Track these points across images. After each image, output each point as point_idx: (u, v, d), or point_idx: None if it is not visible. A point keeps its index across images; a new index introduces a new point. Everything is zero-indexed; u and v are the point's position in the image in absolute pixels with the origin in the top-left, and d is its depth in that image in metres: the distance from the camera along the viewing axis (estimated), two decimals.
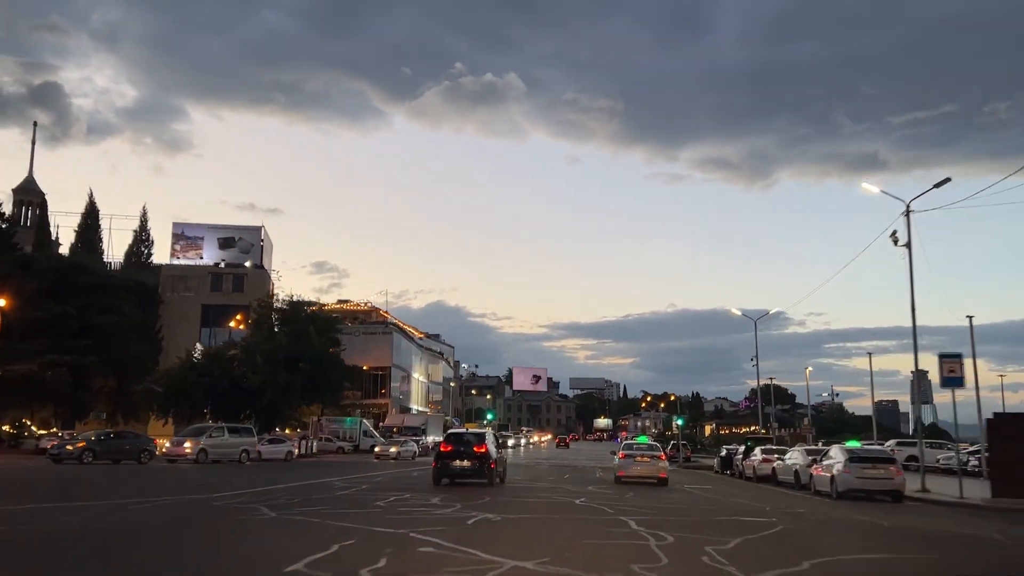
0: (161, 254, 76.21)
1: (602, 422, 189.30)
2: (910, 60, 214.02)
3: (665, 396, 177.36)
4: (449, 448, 24.02)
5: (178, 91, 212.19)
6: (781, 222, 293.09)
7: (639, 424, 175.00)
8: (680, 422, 61.77)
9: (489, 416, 64.17)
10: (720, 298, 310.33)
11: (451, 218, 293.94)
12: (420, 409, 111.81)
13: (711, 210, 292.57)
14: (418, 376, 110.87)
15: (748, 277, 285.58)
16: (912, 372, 29.47)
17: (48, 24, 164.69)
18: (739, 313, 51.69)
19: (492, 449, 24.36)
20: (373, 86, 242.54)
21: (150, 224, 73.46)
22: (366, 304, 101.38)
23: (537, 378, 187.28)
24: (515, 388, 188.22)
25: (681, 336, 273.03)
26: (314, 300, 58.67)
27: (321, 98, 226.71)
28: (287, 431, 71.11)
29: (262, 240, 79.28)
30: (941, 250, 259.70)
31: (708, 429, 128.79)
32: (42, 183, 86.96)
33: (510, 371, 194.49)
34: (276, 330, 53.61)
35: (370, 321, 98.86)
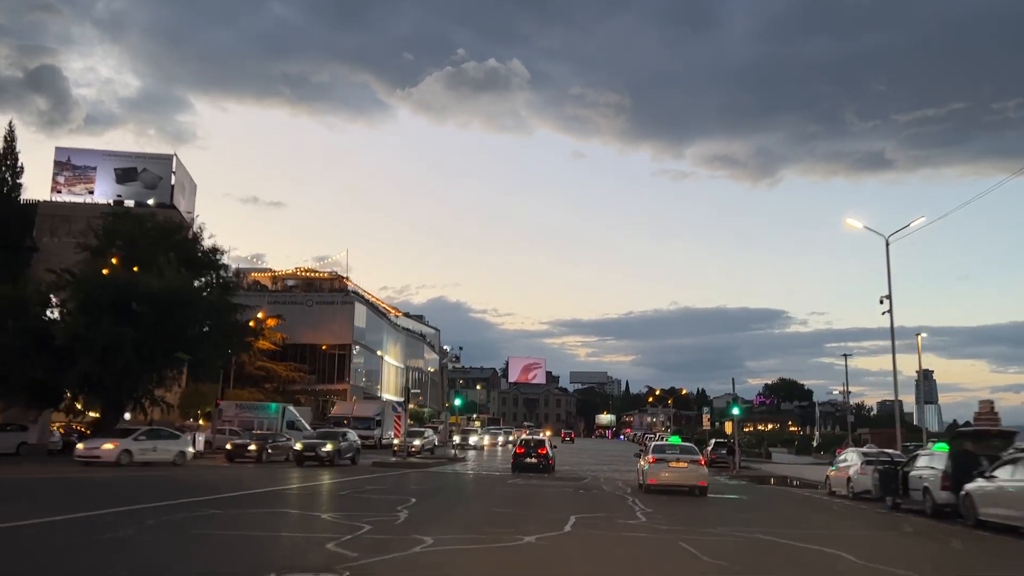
0: (39, 187, 55.60)
1: (605, 418, 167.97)
2: (919, 58, 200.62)
3: (673, 391, 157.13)
4: (522, 450, 33.28)
5: (183, 82, 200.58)
6: (786, 220, 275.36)
7: (644, 420, 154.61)
8: (737, 411, 40.43)
9: (457, 401, 43.67)
10: (724, 296, 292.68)
11: (455, 213, 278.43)
12: (393, 399, 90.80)
13: (716, 207, 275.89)
14: (391, 360, 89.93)
15: (752, 275, 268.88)
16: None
17: (43, 4, 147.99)
18: (860, 226, 30.70)
19: (550, 450, 33.48)
20: (379, 79, 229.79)
21: (20, 148, 52.34)
22: (328, 273, 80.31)
23: (532, 368, 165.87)
24: (511, 380, 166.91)
25: (683, 334, 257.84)
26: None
27: (327, 91, 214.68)
28: (187, 421, 50.75)
29: (174, 172, 58.38)
30: (944, 251, 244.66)
31: (728, 426, 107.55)
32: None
33: (508, 364, 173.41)
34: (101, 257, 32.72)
35: (327, 290, 77.84)
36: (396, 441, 38.59)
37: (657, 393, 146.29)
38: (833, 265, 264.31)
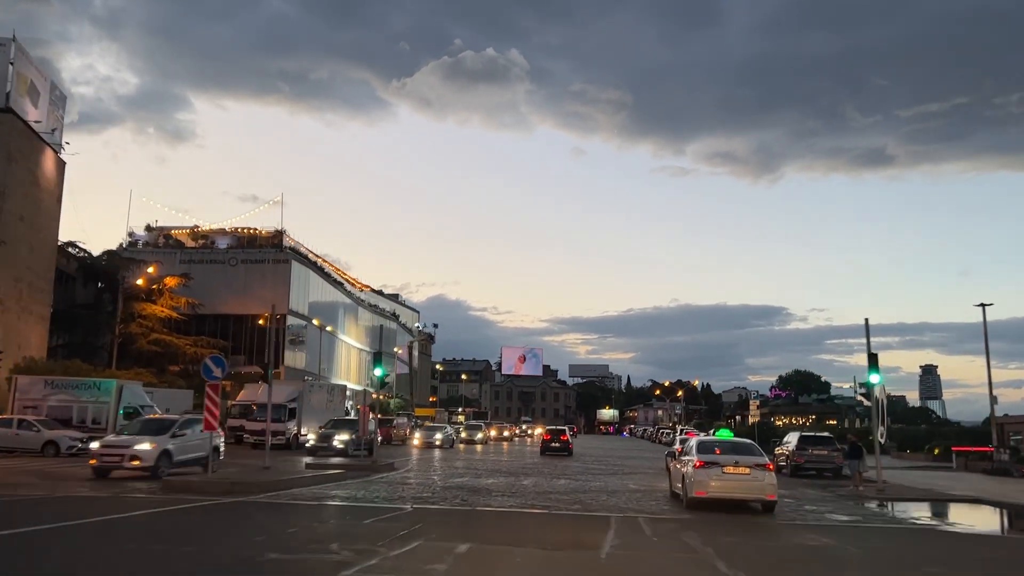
0: None
1: (607, 413, 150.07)
2: (921, 52, 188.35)
3: (681, 384, 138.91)
4: (548, 437, 39.33)
5: (181, 80, 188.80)
6: (787, 217, 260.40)
7: (650, 415, 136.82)
8: (878, 379, 21.34)
9: (378, 372, 24.98)
10: (723, 293, 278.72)
11: (455, 211, 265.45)
12: (351, 386, 72.37)
13: (717, 204, 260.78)
14: (351, 340, 71.73)
15: (753, 272, 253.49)
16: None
17: None
18: None
19: (569, 437, 40.04)
20: (377, 76, 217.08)
21: None
22: (268, 231, 61.69)
23: (524, 358, 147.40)
24: (504, 372, 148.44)
25: (682, 331, 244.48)
26: None
27: (325, 87, 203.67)
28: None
29: (12, 62, 40.08)
30: (945, 245, 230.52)
31: (752, 420, 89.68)
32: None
33: (501, 354, 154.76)
34: None
35: (256, 245, 59.53)
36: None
37: (666, 385, 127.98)
38: (833, 261, 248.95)
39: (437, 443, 42.31)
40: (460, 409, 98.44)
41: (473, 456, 34.97)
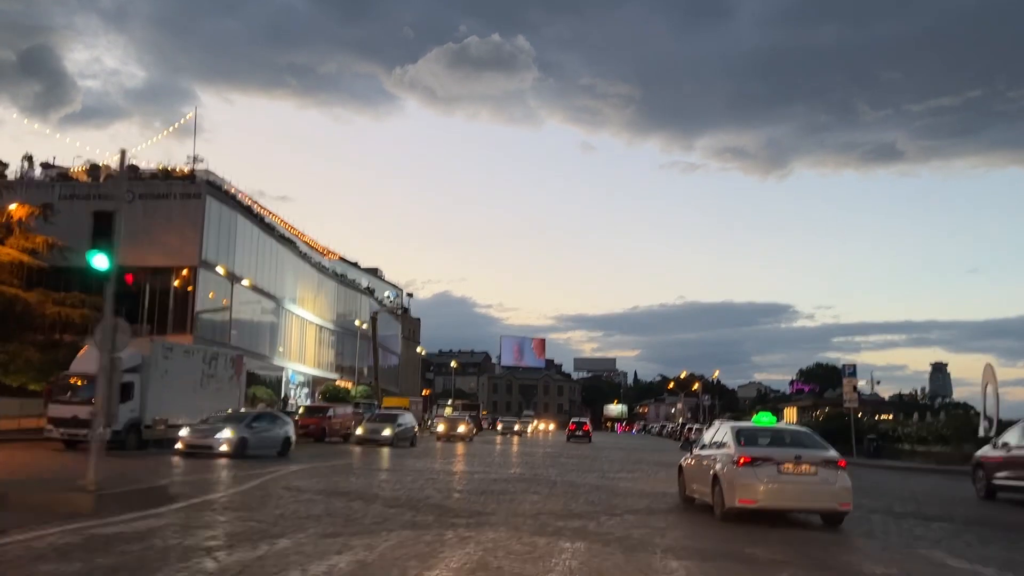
0: None
1: (615, 408, 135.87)
2: (933, 45, 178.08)
3: (695, 377, 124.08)
4: (573, 427, 48.43)
5: (188, 73, 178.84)
6: (796, 213, 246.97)
7: (660, 411, 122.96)
8: None
9: (103, 262, 9.60)
10: (730, 290, 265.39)
11: (462, 207, 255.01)
12: (306, 371, 57.65)
13: (725, 200, 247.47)
14: (306, 314, 56.99)
15: (760, 268, 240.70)
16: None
17: None
18: None
19: (590, 428, 50.34)
20: (385, 70, 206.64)
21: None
22: (186, 167, 46.53)
23: (519, 348, 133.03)
24: (503, 364, 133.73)
25: (689, 329, 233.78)
26: None
27: (333, 81, 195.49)
28: None
29: None
30: (955, 242, 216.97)
31: (790, 413, 75.23)
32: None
33: (500, 344, 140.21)
34: None
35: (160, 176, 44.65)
36: None
37: (683, 376, 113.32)
38: (841, 258, 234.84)
39: (223, 448, 19.48)
40: (450, 401, 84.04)
41: (377, 468, 19.81)
